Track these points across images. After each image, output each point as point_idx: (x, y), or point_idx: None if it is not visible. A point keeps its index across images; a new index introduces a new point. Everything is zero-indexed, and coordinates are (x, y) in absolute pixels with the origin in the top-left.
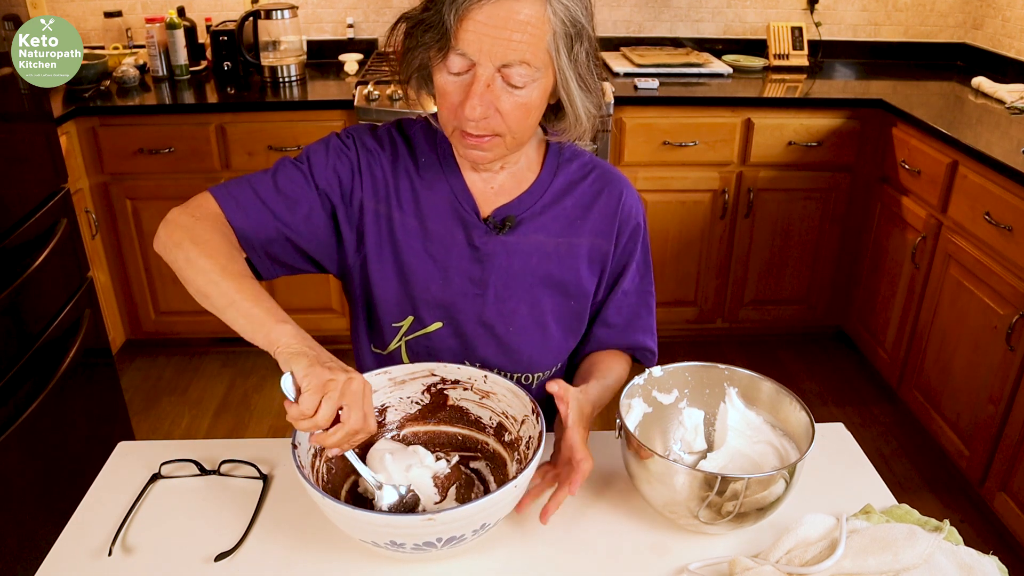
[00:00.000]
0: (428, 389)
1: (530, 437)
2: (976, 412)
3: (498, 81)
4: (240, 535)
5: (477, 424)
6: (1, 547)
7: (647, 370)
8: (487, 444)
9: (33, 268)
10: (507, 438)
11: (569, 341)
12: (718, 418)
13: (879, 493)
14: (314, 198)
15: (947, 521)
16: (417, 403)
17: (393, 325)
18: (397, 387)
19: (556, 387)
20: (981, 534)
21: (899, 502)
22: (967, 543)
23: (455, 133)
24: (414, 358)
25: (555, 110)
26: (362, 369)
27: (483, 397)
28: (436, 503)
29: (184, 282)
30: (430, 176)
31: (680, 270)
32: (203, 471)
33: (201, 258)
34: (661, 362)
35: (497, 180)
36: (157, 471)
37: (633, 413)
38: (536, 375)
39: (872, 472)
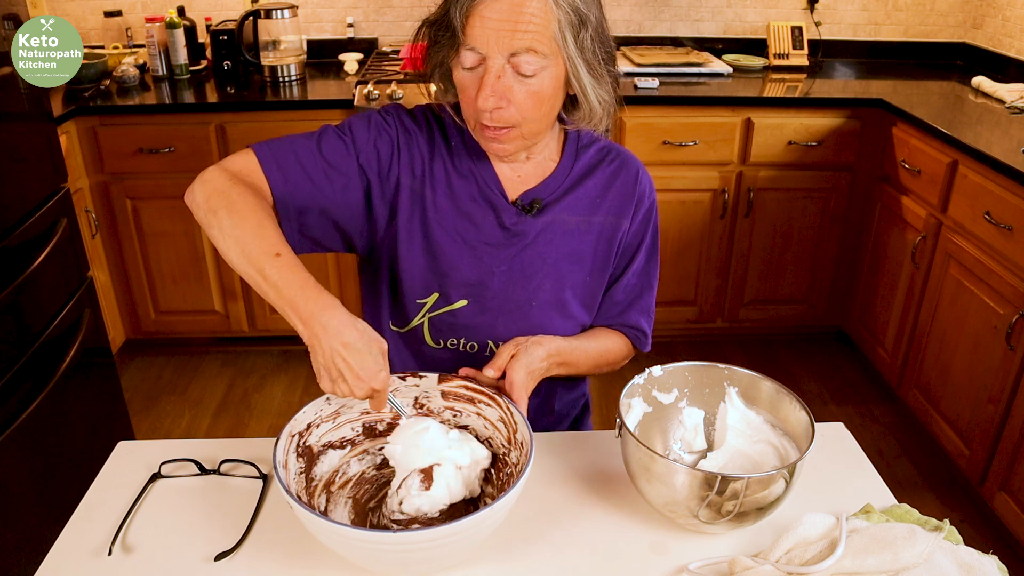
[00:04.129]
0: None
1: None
2: (976, 412)
3: (509, 71)
4: (240, 535)
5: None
6: (1, 547)
7: (647, 370)
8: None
9: (33, 268)
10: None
11: (585, 316)
12: (718, 418)
13: (879, 493)
14: (354, 170)
15: (947, 520)
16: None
17: (417, 302)
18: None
19: (491, 371)
20: (981, 533)
21: (899, 502)
22: (967, 543)
23: (476, 127)
24: (436, 334)
25: (574, 101)
26: None
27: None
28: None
29: (217, 249)
30: (460, 161)
31: (680, 270)
32: (203, 471)
33: (235, 229)
34: (661, 362)
35: (523, 169)
36: (157, 471)
37: (633, 413)
38: None
39: (872, 472)
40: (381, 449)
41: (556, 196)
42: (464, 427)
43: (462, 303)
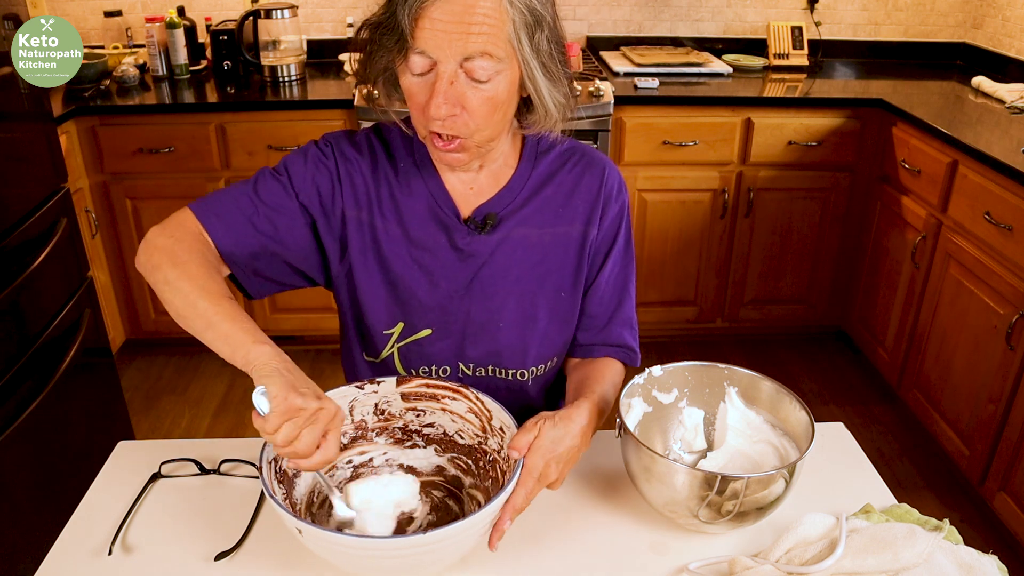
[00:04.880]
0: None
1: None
2: (976, 412)
3: (461, 77)
4: (240, 535)
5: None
6: (1, 547)
7: (647, 370)
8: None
9: (33, 268)
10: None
11: (563, 334)
12: (718, 417)
13: (879, 492)
14: (295, 209)
15: (947, 520)
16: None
17: (384, 332)
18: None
19: (515, 452)
20: (981, 533)
21: (899, 501)
22: (967, 542)
23: (428, 137)
24: (407, 364)
25: (528, 104)
26: (356, 379)
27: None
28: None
29: (164, 303)
30: (409, 181)
31: (680, 270)
32: (203, 470)
33: (180, 280)
34: (661, 362)
35: (477, 180)
36: (157, 470)
37: (633, 412)
38: (531, 371)
39: (872, 471)
40: (349, 463)
41: (512, 208)
42: (430, 425)
43: (427, 331)
